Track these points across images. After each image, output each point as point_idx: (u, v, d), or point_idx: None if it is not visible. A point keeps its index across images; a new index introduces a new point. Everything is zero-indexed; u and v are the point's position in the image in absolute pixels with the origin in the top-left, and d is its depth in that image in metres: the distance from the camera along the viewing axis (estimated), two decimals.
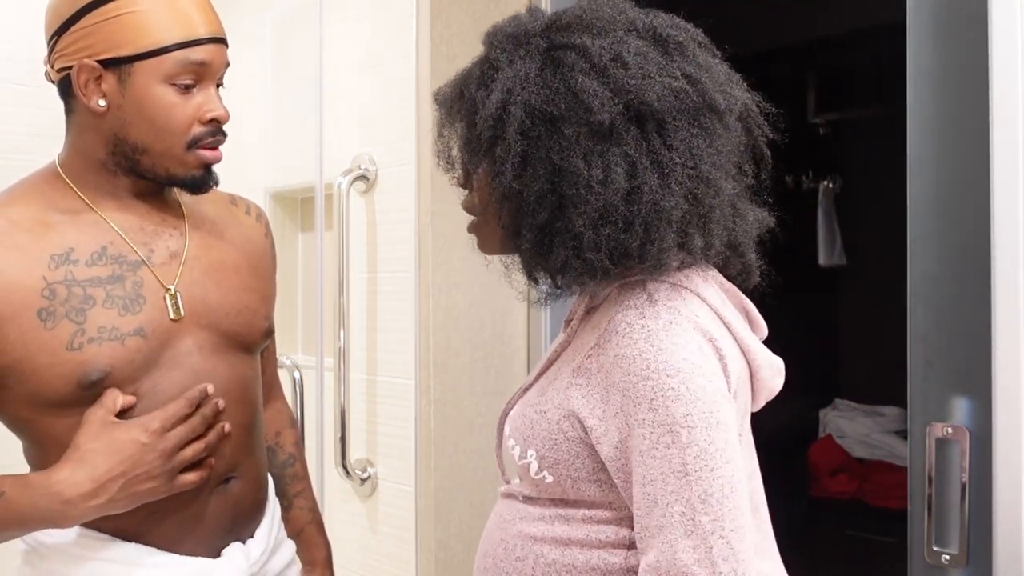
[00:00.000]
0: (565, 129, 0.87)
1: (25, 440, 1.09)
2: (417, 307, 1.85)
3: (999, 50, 1.13)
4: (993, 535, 1.13)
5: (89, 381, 1.01)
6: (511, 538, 0.99)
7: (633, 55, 0.89)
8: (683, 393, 0.84)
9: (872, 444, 3.31)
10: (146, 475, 1.02)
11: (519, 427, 0.98)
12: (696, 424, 0.84)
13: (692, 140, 0.88)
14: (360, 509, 2.00)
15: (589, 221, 0.87)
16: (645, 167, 0.87)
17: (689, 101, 0.89)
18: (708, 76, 0.91)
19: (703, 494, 0.84)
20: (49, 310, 1.00)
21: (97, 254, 1.05)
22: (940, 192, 1.20)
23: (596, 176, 0.86)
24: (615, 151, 0.87)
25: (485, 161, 0.93)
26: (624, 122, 0.87)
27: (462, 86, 0.96)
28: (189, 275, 1.11)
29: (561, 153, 0.87)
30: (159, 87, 1.03)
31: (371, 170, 1.95)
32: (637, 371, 0.86)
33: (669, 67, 0.89)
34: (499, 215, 0.95)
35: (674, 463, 0.84)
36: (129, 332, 1.04)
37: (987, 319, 1.14)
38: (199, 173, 1.08)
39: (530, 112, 0.88)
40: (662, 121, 0.88)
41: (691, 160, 0.88)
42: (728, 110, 0.92)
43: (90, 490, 0.99)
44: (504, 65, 0.92)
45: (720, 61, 0.97)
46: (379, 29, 1.94)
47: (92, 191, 1.08)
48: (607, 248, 0.88)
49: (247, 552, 1.14)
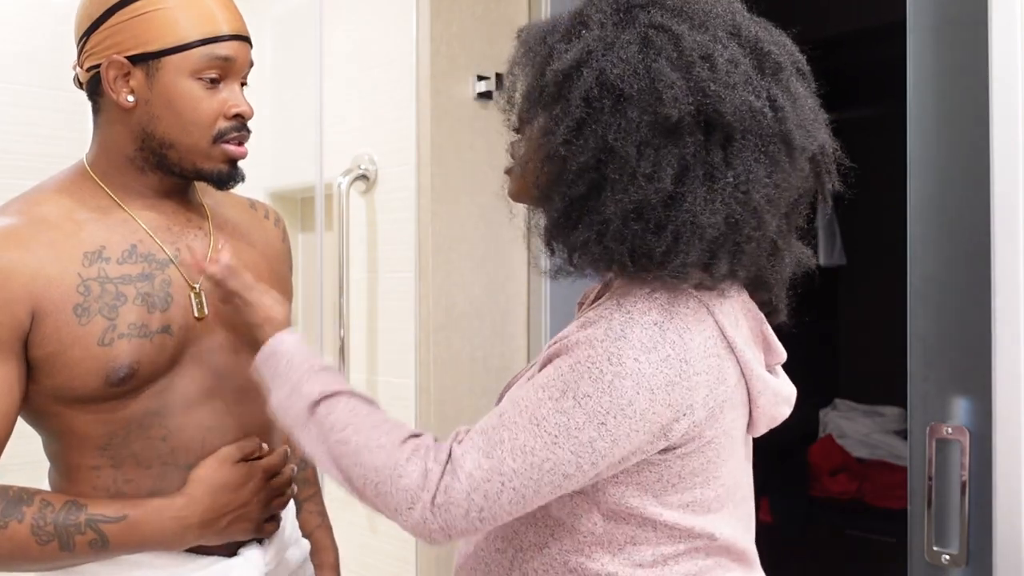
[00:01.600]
0: (630, 111, 0.83)
1: (46, 435, 1.10)
2: (417, 307, 1.85)
3: (999, 50, 1.13)
4: (993, 535, 1.13)
5: (117, 377, 1.02)
6: (496, 528, 0.98)
7: (725, 60, 0.84)
8: (604, 381, 0.82)
9: (872, 444, 3.31)
10: (246, 516, 1.09)
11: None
12: (585, 407, 0.82)
13: (753, 165, 0.84)
14: (360, 509, 2.00)
15: (621, 211, 0.83)
16: (696, 176, 0.83)
17: (765, 125, 0.84)
18: (793, 107, 0.87)
19: (529, 448, 0.83)
20: (84, 306, 1.02)
21: (128, 252, 1.07)
22: (940, 192, 1.20)
23: (644, 169, 0.83)
24: (672, 150, 0.83)
25: (542, 115, 0.89)
26: (691, 124, 0.83)
27: (546, 32, 0.92)
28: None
29: (617, 134, 0.83)
30: (186, 81, 1.05)
31: (371, 170, 1.95)
32: (588, 339, 0.84)
33: (758, 84, 0.85)
34: (537, 173, 0.91)
35: (541, 410, 0.84)
36: (157, 329, 1.05)
37: (987, 319, 1.14)
38: (225, 168, 1.09)
39: (601, 82, 0.84)
40: (730, 136, 0.83)
41: (745, 184, 0.83)
42: (801, 148, 0.87)
43: (207, 520, 1.05)
44: (595, 25, 0.87)
45: (812, 95, 0.93)
46: (379, 29, 1.94)
47: (120, 189, 1.10)
48: (631, 244, 0.84)
49: (264, 550, 1.15)
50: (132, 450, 1.06)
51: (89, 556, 1.02)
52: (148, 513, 1.03)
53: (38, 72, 1.95)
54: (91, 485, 1.06)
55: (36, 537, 0.99)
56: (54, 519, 1.00)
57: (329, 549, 1.37)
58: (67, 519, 1.00)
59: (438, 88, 1.83)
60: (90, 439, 1.05)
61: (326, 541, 1.37)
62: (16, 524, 0.99)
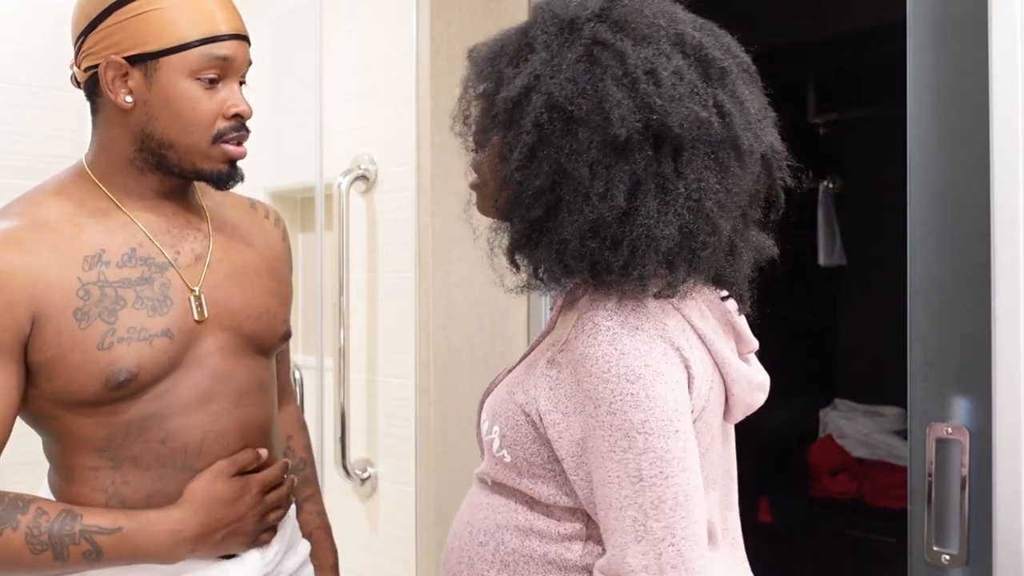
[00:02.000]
0: (580, 132, 0.85)
1: (45, 436, 1.10)
2: (417, 307, 1.85)
3: (999, 50, 1.13)
4: (993, 535, 1.13)
5: (117, 381, 1.02)
6: (477, 522, 0.99)
7: (669, 73, 0.85)
8: (642, 400, 0.84)
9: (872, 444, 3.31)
10: (241, 530, 1.09)
11: (491, 404, 1.00)
12: (653, 431, 0.84)
13: (704, 173, 0.86)
14: (360, 509, 2.00)
15: (578, 231, 0.86)
16: (648, 190, 0.85)
17: (713, 133, 0.86)
18: (741, 111, 0.88)
19: (656, 500, 0.83)
20: (84, 310, 1.02)
21: (127, 255, 1.06)
22: (940, 192, 1.20)
23: (597, 188, 0.85)
24: (623, 167, 0.85)
25: (496, 139, 0.92)
26: (640, 140, 0.85)
27: (495, 54, 0.94)
28: (213, 277, 1.12)
29: (569, 156, 0.85)
30: (184, 81, 1.04)
31: (371, 170, 1.95)
32: (599, 373, 0.85)
33: (703, 93, 0.86)
34: (496, 196, 0.94)
35: (629, 468, 0.84)
36: (157, 333, 1.05)
37: (987, 319, 1.14)
38: (224, 168, 1.09)
39: (550, 106, 0.86)
40: (679, 147, 0.85)
41: (697, 193, 0.85)
42: (750, 151, 0.89)
43: (201, 534, 1.06)
44: (540, 47, 0.89)
45: (760, 94, 0.94)
46: (379, 29, 1.94)
47: (119, 191, 1.09)
48: (589, 260, 0.87)
49: (262, 552, 1.15)
50: (131, 452, 1.06)
51: (82, 567, 1.02)
52: (143, 526, 1.03)
53: (38, 72, 1.95)
54: (90, 486, 1.06)
55: (30, 546, 0.99)
56: (49, 528, 0.99)
57: (328, 550, 1.37)
58: (62, 529, 1.00)
59: (438, 88, 1.83)
60: (89, 441, 1.05)
61: (325, 542, 1.37)
62: (11, 532, 0.98)
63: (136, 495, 1.06)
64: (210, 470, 1.08)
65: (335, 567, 1.38)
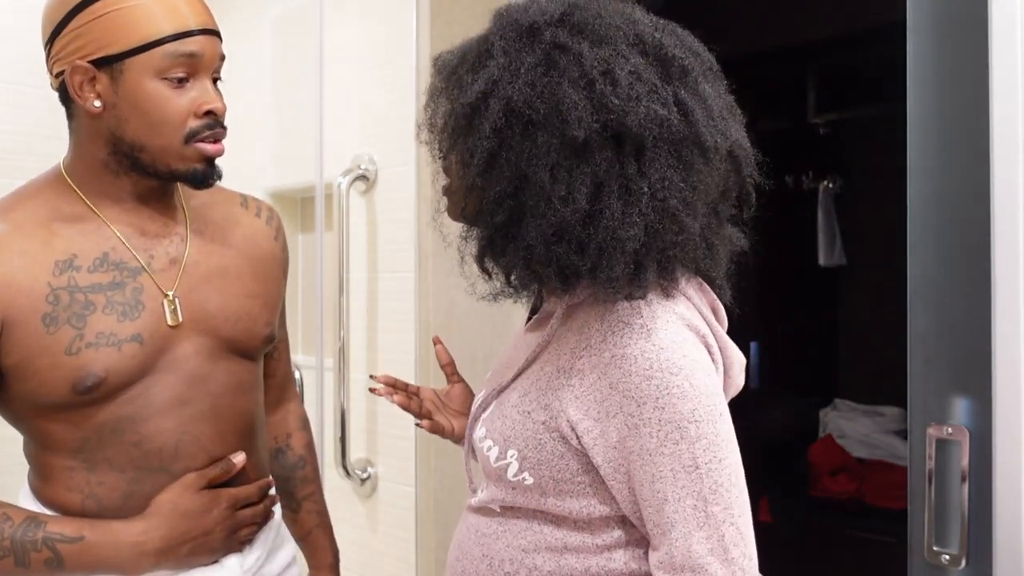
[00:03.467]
0: (539, 136, 0.85)
1: (24, 436, 1.10)
2: (417, 307, 1.85)
3: (999, 50, 1.13)
4: (993, 535, 1.13)
5: (84, 387, 1.02)
6: (497, 552, 0.97)
7: (627, 73, 0.85)
8: (687, 390, 0.85)
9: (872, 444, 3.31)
10: (208, 545, 1.08)
11: (498, 428, 0.97)
12: (703, 418, 0.85)
13: (667, 171, 0.85)
14: (360, 509, 2.00)
15: (542, 236, 0.85)
16: (611, 191, 0.84)
17: (674, 131, 0.85)
18: (703, 108, 0.88)
19: (714, 485, 0.85)
20: (52, 315, 1.01)
21: (99, 260, 1.05)
22: (940, 192, 1.20)
23: (558, 192, 0.84)
24: (584, 169, 0.84)
25: (459, 146, 0.91)
26: (600, 141, 0.84)
27: (457, 62, 0.93)
28: (188, 281, 1.11)
29: (529, 160, 0.85)
30: (151, 82, 1.02)
31: (371, 170, 1.95)
32: (639, 371, 0.85)
33: (663, 91, 0.86)
34: (463, 203, 0.94)
35: (684, 458, 0.85)
36: (126, 338, 1.04)
37: (987, 319, 1.14)
38: (200, 167, 1.07)
39: (508, 110, 0.85)
40: (641, 147, 0.85)
41: (661, 192, 0.85)
42: (714, 148, 0.88)
43: (165, 547, 1.04)
44: (498, 52, 0.88)
45: (724, 93, 0.94)
46: (379, 29, 1.94)
47: (96, 195, 1.08)
48: (556, 265, 0.86)
49: (242, 559, 1.14)
50: (105, 454, 1.05)
51: (45, 575, 1.01)
52: (106, 536, 1.02)
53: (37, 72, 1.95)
54: (65, 486, 1.05)
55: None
56: (12, 534, 0.99)
57: (327, 549, 1.35)
58: (24, 535, 0.99)
59: None
60: (63, 443, 1.04)
61: (324, 541, 1.35)
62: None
63: (112, 496, 1.06)
64: (179, 482, 1.07)
65: (335, 566, 1.36)
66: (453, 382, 1.23)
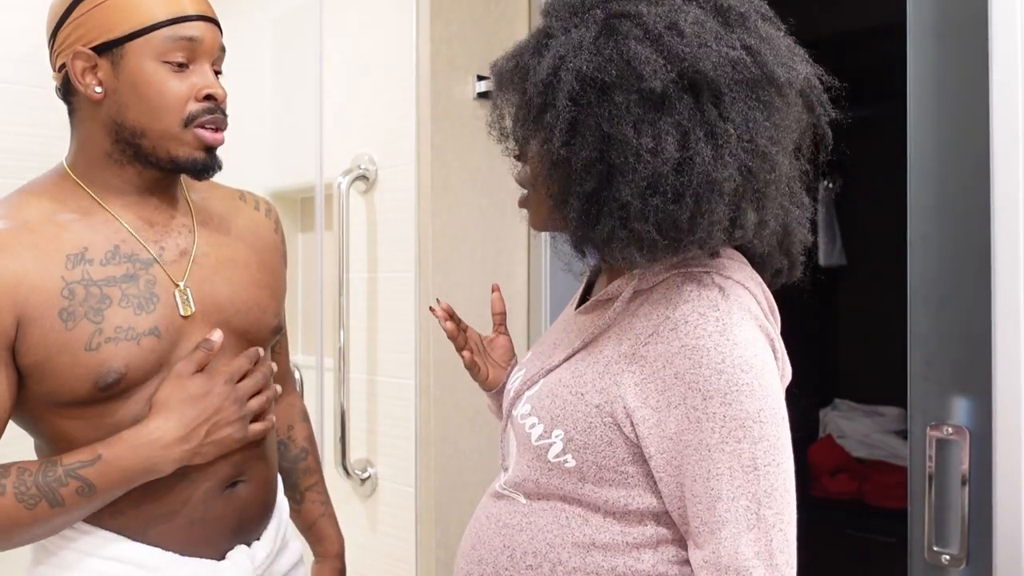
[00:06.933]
0: (616, 96, 0.85)
1: (37, 438, 1.09)
2: (417, 307, 1.85)
3: (999, 50, 1.13)
4: (993, 535, 1.13)
5: (106, 383, 1.02)
6: (520, 544, 0.95)
7: (690, 23, 0.86)
8: (756, 388, 0.85)
9: (872, 444, 3.31)
10: (225, 421, 1.07)
11: (547, 406, 0.96)
12: (768, 419, 0.85)
13: (749, 112, 0.86)
14: (360, 509, 2.00)
15: (637, 190, 0.84)
16: (698, 138, 0.84)
17: (747, 72, 0.86)
18: (769, 48, 0.88)
19: (769, 488, 0.85)
20: (69, 310, 1.01)
21: (111, 253, 1.05)
22: (940, 192, 1.20)
23: (646, 144, 0.84)
24: (667, 120, 0.84)
25: (536, 129, 0.91)
26: (677, 91, 0.84)
27: (517, 56, 0.94)
28: (199, 272, 1.11)
29: (611, 120, 0.85)
30: (151, 65, 1.03)
31: (371, 170, 1.95)
32: (710, 364, 0.85)
33: (728, 37, 0.87)
34: (548, 184, 0.93)
35: (744, 458, 0.84)
36: (144, 331, 1.04)
37: (987, 319, 1.14)
38: (200, 155, 1.07)
39: (581, 78, 0.86)
40: (718, 91, 0.85)
41: (747, 133, 0.85)
42: (788, 83, 0.88)
43: (183, 435, 1.04)
44: (559, 33, 0.90)
45: (784, 34, 0.94)
46: (379, 29, 1.94)
47: (101, 188, 1.08)
48: (655, 219, 0.85)
49: (252, 555, 1.14)
50: None
51: (83, 506, 1.01)
52: (121, 446, 1.02)
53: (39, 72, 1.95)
54: None
55: (23, 503, 0.98)
56: (35, 481, 0.99)
57: (333, 538, 1.36)
58: (47, 477, 0.99)
59: (438, 88, 1.83)
60: (80, 442, 1.04)
61: (330, 530, 1.36)
62: (0, 499, 0.98)
63: (129, 497, 1.05)
64: (171, 375, 1.06)
65: (341, 555, 1.37)
66: (499, 332, 1.26)
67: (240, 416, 1.09)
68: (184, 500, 1.08)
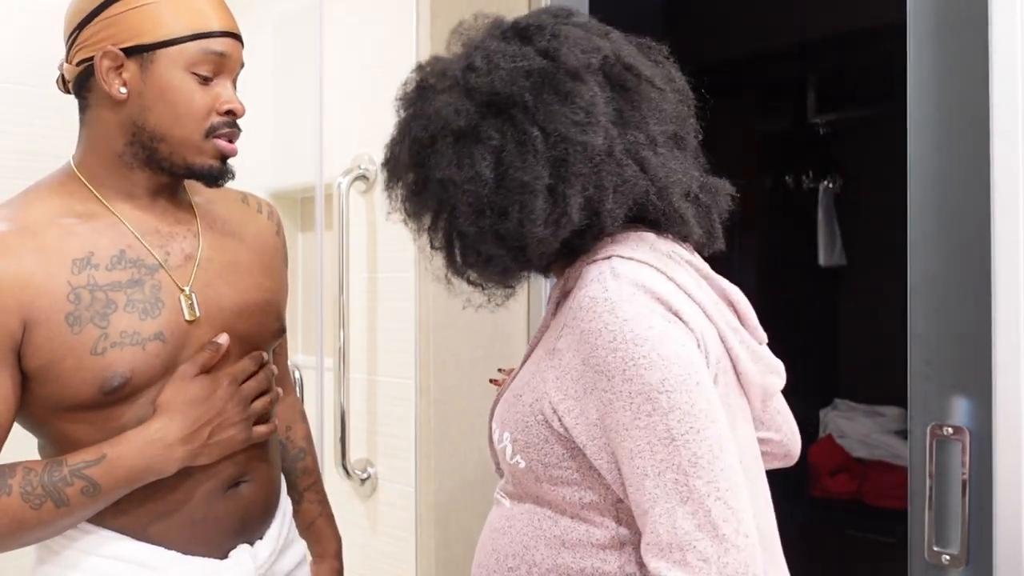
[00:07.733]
0: (438, 146, 0.92)
1: (41, 440, 1.09)
2: (417, 307, 1.85)
3: (999, 50, 1.13)
4: (993, 535, 1.13)
5: (111, 387, 1.02)
6: (503, 546, 0.97)
7: (482, 57, 0.92)
8: (655, 360, 0.84)
9: (872, 444, 3.31)
10: (228, 422, 1.08)
11: (500, 412, 0.99)
12: (674, 388, 0.83)
13: (553, 108, 0.89)
14: (360, 509, 2.00)
15: (469, 219, 0.91)
16: (510, 152, 0.89)
17: (544, 74, 0.90)
18: (564, 43, 0.92)
19: (693, 457, 0.83)
20: (75, 315, 1.01)
21: (116, 258, 1.06)
22: (940, 192, 1.20)
23: (466, 176, 0.90)
24: (480, 148, 0.90)
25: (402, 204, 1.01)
26: (482, 119, 0.91)
27: (388, 148, 1.02)
28: (203, 277, 1.12)
29: (438, 167, 0.92)
30: (179, 74, 1.05)
31: (371, 170, 1.95)
32: (605, 344, 0.85)
33: (524, 52, 0.92)
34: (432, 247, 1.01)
35: (658, 430, 0.83)
36: (149, 336, 1.05)
37: (987, 319, 1.14)
38: (216, 164, 1.09)
39: (414, 143, 0.94)
40: (524, 104, 0.90)
41: (551, 125, 0.89)
42: (585, 66, 0.91)
43: (187, 435, 1.05)
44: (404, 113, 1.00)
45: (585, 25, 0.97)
46: (379, 29, 1.94)
47: (108, 190, 1.09)
48: (493, 237, 0.91)
49: (254, 554, 1.14)
50: None
51: (87, 506, 1.01)
52: (125, 446, 1.02)
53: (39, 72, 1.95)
54: None
55: (29, 503, 0.98)
56: (40, 481, 0.99)
57: (331, 538, 1.37)
58: (52, 477, 0.99)
59: None
60: (84, 445, 1.04)
61: (328, 530, 1.37)
62: (6, 498, 0.98)
63: (132, 497, 1.06)
64: (174, 377, 1.07)
65: (338, 554, 1.38)
66: None
67: (244, 418, 1.10)
68: (187, 500, 1.09)
